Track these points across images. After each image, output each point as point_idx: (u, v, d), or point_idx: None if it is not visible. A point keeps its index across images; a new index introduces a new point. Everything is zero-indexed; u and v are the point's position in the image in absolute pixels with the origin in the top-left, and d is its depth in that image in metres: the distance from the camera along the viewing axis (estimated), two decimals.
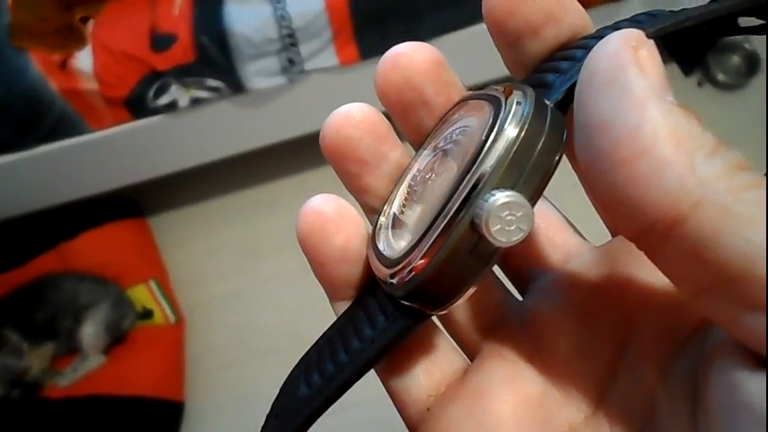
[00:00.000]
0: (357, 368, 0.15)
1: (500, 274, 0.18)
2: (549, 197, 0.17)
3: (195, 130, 1.09)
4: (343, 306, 0.17)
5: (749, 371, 0.10)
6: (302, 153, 1.16)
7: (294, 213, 0.16)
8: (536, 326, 0.16)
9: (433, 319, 0.15)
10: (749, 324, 0.10)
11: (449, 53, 0.17)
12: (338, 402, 0.16)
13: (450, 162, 0.15)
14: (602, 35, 0.13)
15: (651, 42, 0.11)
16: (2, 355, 1.00)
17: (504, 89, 0.14)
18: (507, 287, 0.18)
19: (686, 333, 0.14)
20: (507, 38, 0.16)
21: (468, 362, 0.17)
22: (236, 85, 1.03)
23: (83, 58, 0.98)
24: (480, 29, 1.02)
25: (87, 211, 1.19)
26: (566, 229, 0.18)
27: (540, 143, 0.13)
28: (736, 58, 1.29)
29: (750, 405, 0.10)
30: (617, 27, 0.14)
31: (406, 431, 0.17)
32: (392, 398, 0.17)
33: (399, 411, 0.17)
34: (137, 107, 1.02)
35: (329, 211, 0.16)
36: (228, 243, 1.26)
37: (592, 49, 0.12)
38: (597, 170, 0.11)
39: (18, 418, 1.01)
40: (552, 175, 0.13)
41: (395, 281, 0.14)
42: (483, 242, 0.13)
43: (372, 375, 0.16)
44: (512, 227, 0.12)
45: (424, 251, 0.13)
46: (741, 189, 0.10)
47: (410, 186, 0.16)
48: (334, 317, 0.17)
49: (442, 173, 0.15)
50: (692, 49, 1.26)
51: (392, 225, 0.16)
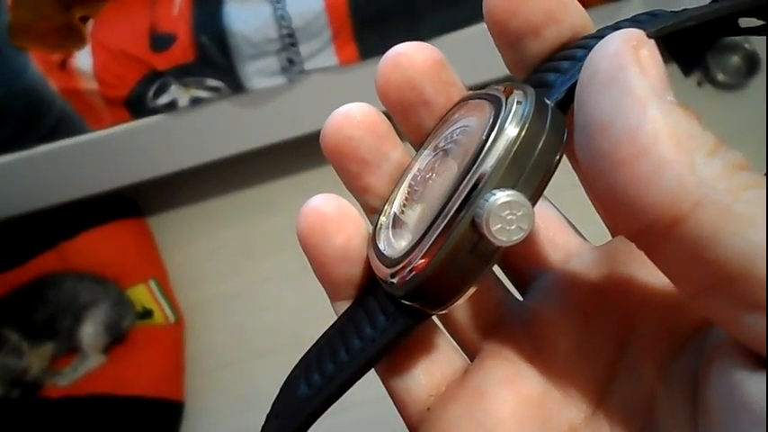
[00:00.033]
0: (357, 368, 0.15)
1: (500, 274, 0.18)
2: (550, 197, 0.17)
3: (195, 130, 1.09)
4: (343, 306, 0.17)
5: (749, 371, 0.10)
6: (302, 153, 1.16)
7: (294, 213, 0.16)
8: (536, 326, 0.16)
9: (434, 318, 0.15)
10: (749, 324, 0.10)
11: (448, 53, 0.17)
12: (338, 402, 0.16)
13: (451, 162, 0.15)
14: (602, 35, 0.13)
15: (652, 42, 0.11)
16: (2, 354, 1.00)
17: (505, 89, 0.14)
18: (507, 287, 0.18)
19: (686, 333, 0.14)
20: (508, 38, 0.16)
21: (469, 362, 0.17)
22: (235, 85, 1.03)
23: (82, 58, 0.98)
24: (480, 29, 1.02)
25: (87, 210, 1.19)
26: (566, 230, 0.18)
27: (541, 142, 0.13)
28: (735, 58, 1.29)
29: (750, 405, 0.10)
30: (618, 27, 0.14)
31: (406, 431, 0.17)
32: (392, 397, 0.17)
33: (399, 411, 0.17)
34: (136, 107, 1.02)
35: (330, 210, 0.16)
36: (228, 243, 1.26)
37: (592, 48, 0.12)
38: (597, 170, 0.11)
39: (18, 418, 1.01)
40: (553, 175, 0.13)
41: (395, 280, 0.14)
42: (483, 241, 0.13)
43: (372, 375, 0.16)
44: (512, 226, 0.12)
45: (424, 251, 0.13)
46: (741, 189, 0.10)
47: (411, 186, 0.16)
48: (335, 317, 0.17)
49: (442, 172, 0.15)
50: (692, 49, 1.26)
51: (393, 225, 0.16)
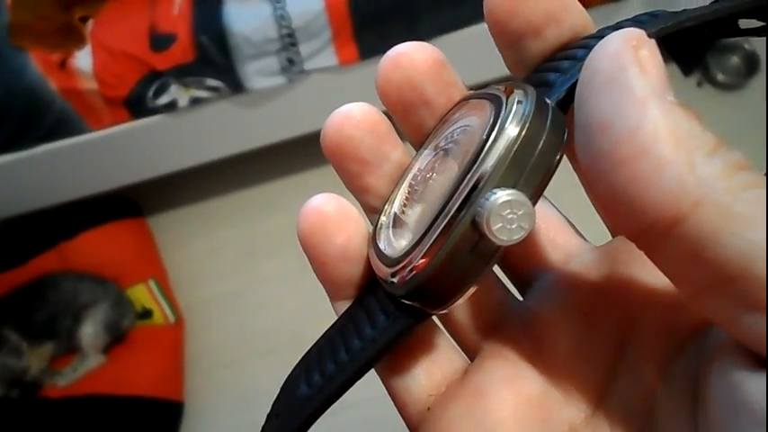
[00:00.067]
0: (358, 367, 0.15)
1: (500, 274, 0.18)
2: (550, 197, 0.17)
3: (195, 130, 1.09)
4: (343, 305, 0.17)
5: (749, 371, 0.10)
6: (302, 153, 1.16)
7: (294, 213, 0.16)
8: (536, 326, 0.16)
9: (434, 318, 0.15)
10: (749, 324, 0.10)
11: (448, 53, 0.17)
12: (338, 402, 0.16)
13: (451, 161, 0.15)
14: (603, 35, 0.13)
15: (652, 42, 0.11)
16: (1, 354, 1.00)
17: (506, 88, 0.14)
18: (508, 287, 0.18)
19: (686, 333, 0.14)
20: (509, 38, 0.16)
21: (469, 362, 0.17)
22: (235, 85, 1.03)
23: (82, 58, 0.98)
24: (479, 29, 1.02)
25: (87, 210, 1.18)
26: (566, 230, 0.18)
27: (541, 142, 0.13)
28: (735, 59, 1.29)
29: (750, 405, 0.10)
30: (618, 27, 0.14)
31: (406, 431, 0.17)
32: (392, 397, 0.17)
33: (400, 411, 0.17)
34: (136, 107, 1.02)
35: (330, 210, 0.16)
36: (228, 243, 1.26)
37: (593, 48, 0.12)
38: (597, 169, 0.11)
39: (17, 418, 1.01)
40: (553, 174, 0.13)
41: (396, 280, 0.14)
42: (484, 241, 0.13)
43: (372, 375, 0.16)
44: (513, 225, 0.12)
45: (424, 250, 0.13)
46: (740, 189, 0.10)
47: (411, 186, 0.16)
48: (334, 316, 0.17)
49: (442, 172, 0.15)
50: (691, 50, 1.26)
51: (393, 224, 0.16)
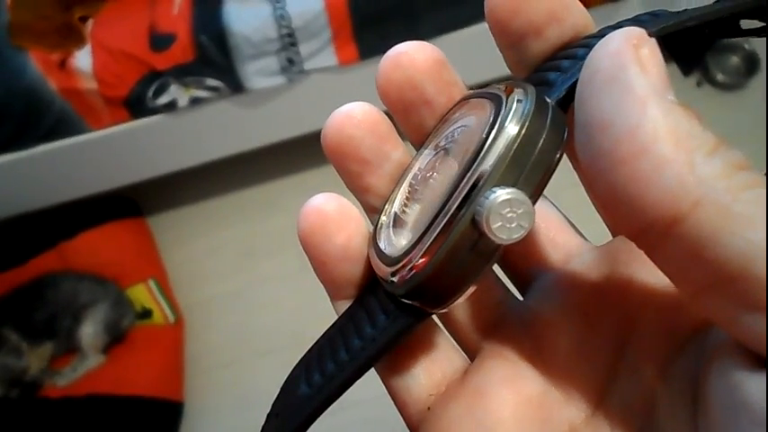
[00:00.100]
0: (358, 367, 0.15)
1: (501, 273, 0.18)
2: (550, 196, 0.17)
3: (194, 130, 1.09)
4: (344, 305, 0.17)
5: (749, 371, 0.10)
6: (301, 153, 1.16)
7: (294, 213, 0.16)
8: (536, 326, 0.16)
9: (434, 318, 0.15)
10: (749, 324, 0.10)
11: (448, 53, 0.17)
12: (338, 401, 0.16)
13: (451, 160, 0.15)
14: (603, 34, 0.13)
15: (653, 41, 0.11)
16: (1, 354, 1.00)
17: (506, 87, 0.14)
18: (508, 287, 0.18)
19: (686, 333, 0.14)
20: (510, 38, 0.16)
21: (469, 361, 0.17)
22: (235, 85, 1.03)
23: (82, 58, 0.98)
24: (480, 29, 1.02)
25: (86, 210, 1.18)
26: (566, 229, 0.18)
27: (541, 141, 0.13)
28: (735, 59, 1.29)
29: (750, 405, 0.10)
30: (619, 27, 0.14)
31: (406, 430, 0.17)
32: (392, 397, 0.17)
33: (400, 410, 0.17)
34: (136, 107, 1.02)
35: (331, 210, 0.16)
36: (228, 243, 1.25)
37: (593, 47, 0.12)
38: (597, 169, 0.11)
39: (17, 418, 1.01)
40: (553, 173, 0.13)
41: (396, 279, 0.14)
42: (484, 239, 0.13)
43: (372, 374, 0.16)
44: (512, 224, 0.12)
45: (424, 249, 0.13)
46: (740, 188, 0.10)
47: (411, 185, 0.16)
48: (334, 316, 0.17)
49: (443, 171, 0.15)
50: (691, 50, 1.26)
51: (393, 224, 0.16)
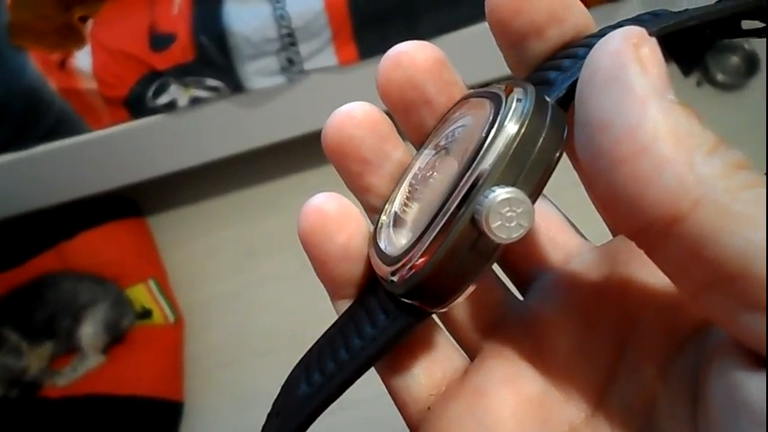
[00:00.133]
0: (358, 366, 0.15)
1: (501, 273, 0.18)
2: (550, 196, 0.17)
3: (194, 130, 1.09)
4: (344, 305, 0.17)
5: (749, 371, 0.10)
6: (301, 153, 1.16)
7: (294, 213, 0.16)
8: (536, 326, 0.16)
9: (434, 317, 0.15)
10: (748, 324, 0.10)
11: (448, 53, 0.17)
12: (338, 401, 0.16)
13: (451, 160, 0.15)
14: (604, 34, 0.13)
15: (653, 40, 0.11)
16: (1, 354, 1.00)
17: (506, 87, 0.14)
18: (508, 287, 0.18)
19: (686, 333, 0.14)
20: (510, 38, 0.16)
21: (469, 361, 0.17)
22: (235, 85, 1.03)
23: (82, 58, 0.98)
24: (480, 29, 1.02)
25: (86, 210, 1.18)
26: (566, 229, 0.18)
27: (541, 140, 0.13)
28: (735, 59, 1.29)
29: (750, 405, 0.10)
30: (620, 26, 0.14)
31: (406, 430, 0.17)
32: (393, 397, 0.17)
33: (400, 410, 0.17)
34: (136, 107, 1.02)
35: (331, 209, 0.16)
36: (228, 243, 1.25)
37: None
38: (597, 168, 0.11)
39: (17, 418, 1.01)
40: (553, 172, 0.13)
41: (395, 278, 0.14)
42: (483, 239, 0.13)
43: (372, 374, 0.16)
44: (512, 223, 0.12)
45: (424, 248, 0.13)
46: (740, 188, 0.10)
47: (411, 185, 0.16)
48: (334, 316, 0.17)
49: (443, 171, 0.15)
50: (691, 50, 1.26)
51: (393, 223, 0.16)
